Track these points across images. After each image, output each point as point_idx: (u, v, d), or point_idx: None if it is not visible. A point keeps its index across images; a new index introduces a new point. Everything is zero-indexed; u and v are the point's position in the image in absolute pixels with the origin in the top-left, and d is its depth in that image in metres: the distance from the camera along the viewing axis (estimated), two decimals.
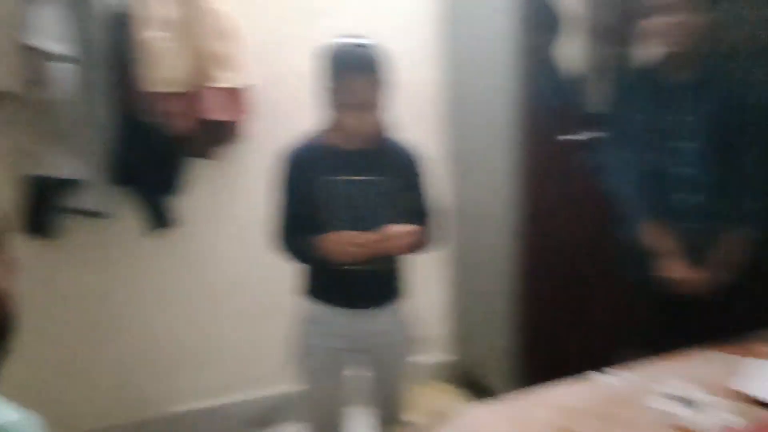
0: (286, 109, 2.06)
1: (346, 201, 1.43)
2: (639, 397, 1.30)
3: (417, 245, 1.46)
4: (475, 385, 2.43)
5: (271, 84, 2.06)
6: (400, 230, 1.38)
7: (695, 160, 1.62)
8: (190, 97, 1.87)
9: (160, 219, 2.02)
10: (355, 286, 1.48)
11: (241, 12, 1.96)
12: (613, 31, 2.08)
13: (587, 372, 1.42)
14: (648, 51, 1.73)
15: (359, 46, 1.39)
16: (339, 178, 1.42)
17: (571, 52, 2.09)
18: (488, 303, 2.26)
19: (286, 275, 1.59)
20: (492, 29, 2.02)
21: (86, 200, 1.84)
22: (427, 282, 2.45)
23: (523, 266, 2.06)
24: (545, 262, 2.10)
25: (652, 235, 1.65)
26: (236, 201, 2.17)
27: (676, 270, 1.61)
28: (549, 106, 2.09)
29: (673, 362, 1.45)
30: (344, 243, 1.36)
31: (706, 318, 1.63)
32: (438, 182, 2.31)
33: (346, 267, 1.42)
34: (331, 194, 1.43)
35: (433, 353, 2.52)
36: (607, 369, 1.43)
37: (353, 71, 1.36)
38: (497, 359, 2.23)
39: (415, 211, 1.49)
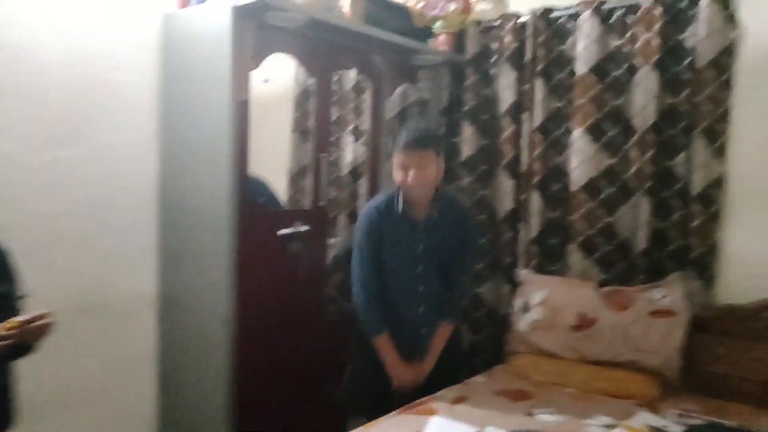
0: None
1: None
2: None
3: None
4: None
5: None
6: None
7: (423, 280, 2.11)
8: None
9: None
10: None
11: None
12: (316, 139, 2.43)
13: None
14: (398, 191, 2.10)
15: None
16: None
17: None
18: (198, 396, 2.23)
19: None
20: (210, 128, 2.13)
21: None
22: (131, 378, 2.31)
23: (236, 353, 2.11)
24: (257, 347, 2.20)
25: (382, 346, 2.07)
26: None
27: (400, 374, 2.08)
28: (262, 204, 2.33)
29: (376, 427, 1.74)
30: None
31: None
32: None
33: None
34: None
35: None
36: None
37: None
38: None
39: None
